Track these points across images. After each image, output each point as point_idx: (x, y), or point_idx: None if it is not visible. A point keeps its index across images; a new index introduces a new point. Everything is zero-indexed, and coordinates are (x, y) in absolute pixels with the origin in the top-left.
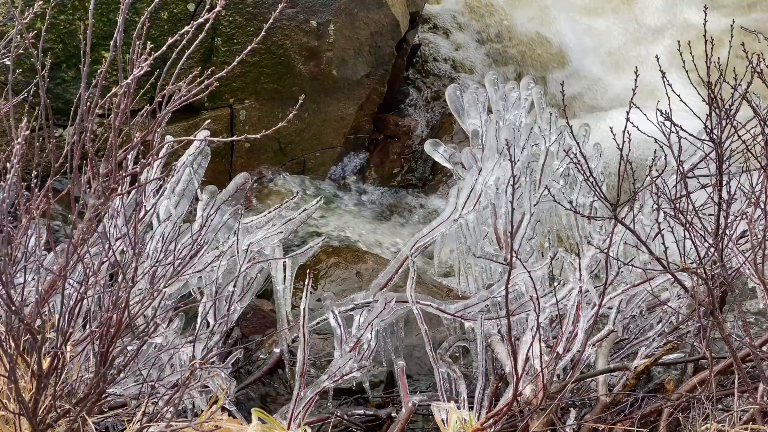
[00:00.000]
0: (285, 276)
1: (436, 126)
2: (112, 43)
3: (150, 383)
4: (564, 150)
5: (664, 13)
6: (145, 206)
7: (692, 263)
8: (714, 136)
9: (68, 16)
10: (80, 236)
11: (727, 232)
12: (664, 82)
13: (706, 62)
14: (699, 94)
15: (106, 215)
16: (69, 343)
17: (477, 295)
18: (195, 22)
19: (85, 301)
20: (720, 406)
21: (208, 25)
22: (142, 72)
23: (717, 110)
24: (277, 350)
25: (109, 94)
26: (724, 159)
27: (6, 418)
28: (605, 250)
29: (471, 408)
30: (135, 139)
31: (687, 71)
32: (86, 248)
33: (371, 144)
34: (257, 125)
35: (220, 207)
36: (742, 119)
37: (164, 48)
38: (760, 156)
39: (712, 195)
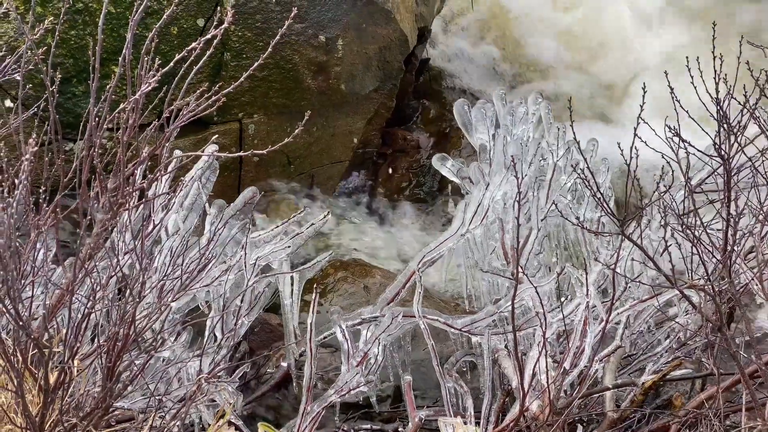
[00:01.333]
0: (292, 290)
1: (444, 140)
2: (121, 58)
3: (157, 397)
4: (572, 165)
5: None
6: (153, 220)
7: (700, 279)
8: (722, 152)
9: (79, 31)
10: (88, 251)
11: (735, 248)
12: (672, 98)
13: (714, 78)
14: (707, 110)
15: (115, 230)
16: (76, 357)
17: (484, 310)
18: (202, 39)
19: (92, 315)
20: (728, 423)
21: (216, 40)
22: (150, 88)
23: (725, 126)
24: (284, 364)
25: (117, 110)
26: (732, 175)
27: None
28: (612, 266)
29: (478, 423)
30: (143, 154)
31: (695, 87)
32: (94, 263)
33: (379, 158)
34: (266, 139)
35: (228, 221)
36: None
37: (172, 64)
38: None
39: (720, 211)
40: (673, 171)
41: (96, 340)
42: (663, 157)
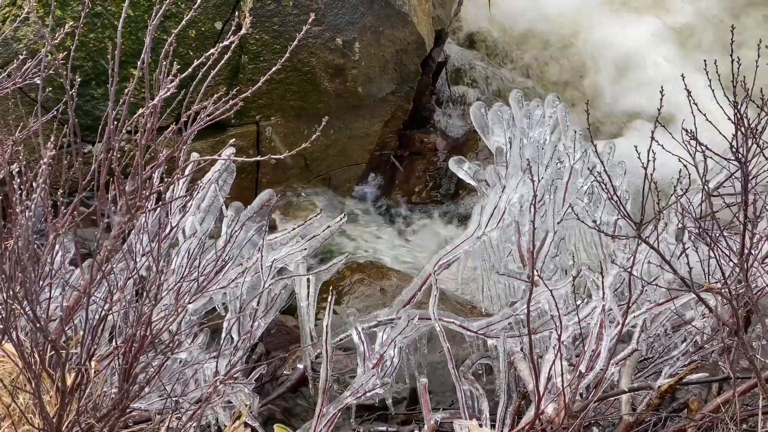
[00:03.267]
0: (309, 292)
1: (461, 143)
2: (139, 62)
3: (174, 398)
4: (588, 168)
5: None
6: (170, 223)
7: (717, 283)
8: (739, 155)
9: (98, 34)
10: (105, 253)
11: (753, 251)
12: (689, 101)
13: (732, 81)
14: (725, 113)
15: (132, 232)
16: (93, 359)
17: (500, 313)
18: (221, 45)
19: (110, 317)
20: (744, 427)
21: (234, 44)
22: (168, 93)
23: (743, 129)
24: (300, 366)
25: (136, 115)
26: (750, 178)
27: None
28: (629, 269)
29: (493, 426)
30: (161, 157)
31: (713, 90)
32: (111, 265)
33: (397, 160)
34: (283, 141)
35: (245, 223)
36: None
37: (191, 69)
38: None
39: (737, 214)
40: (690, 175)
41: (113, 341)
42: (680, 160)
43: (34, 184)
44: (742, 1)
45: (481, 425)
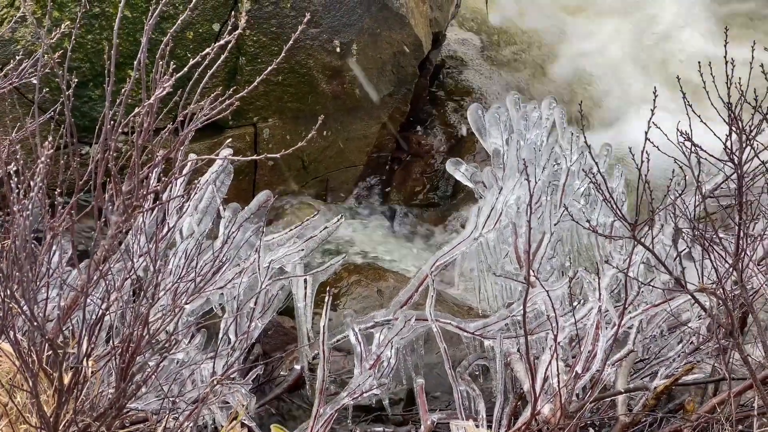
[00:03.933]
0: (306, 293)
1: (459, 145)
2: (136, 63)
3: (171, 398)
4: (584, 170)
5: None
6: (168, 223)
7: (712, 284)
8: (734, 157)
9: (95, 35)
10: (102, 253)
11: (748, 252)
12: (684, 103)
13: (726, 83)
14: (719, 114)
15: (129, 232)
16: (91, 358)
17: (496, 314)
18: (217, 44)
19: (107, 316)
20: (740, 428)
21: (230, 45)
22: (164, 93)
23: (737, 131)
24: (297, 367)
25: (132, 114)
26: (745, 180)
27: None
28: (625, 270)
29: (490, 427)
30: (158, 157)
31: (707, 92)
32: (108, 265)
33: (394, 162)
34: (281, 143)
35: (242, 224)
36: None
37: (186, 68)
38: None
39: (731, 215)
40: (685, 176)
41: (110, 341)
42: (675, 162)
43: (31, 184)
44: None
45: (477, 426)
